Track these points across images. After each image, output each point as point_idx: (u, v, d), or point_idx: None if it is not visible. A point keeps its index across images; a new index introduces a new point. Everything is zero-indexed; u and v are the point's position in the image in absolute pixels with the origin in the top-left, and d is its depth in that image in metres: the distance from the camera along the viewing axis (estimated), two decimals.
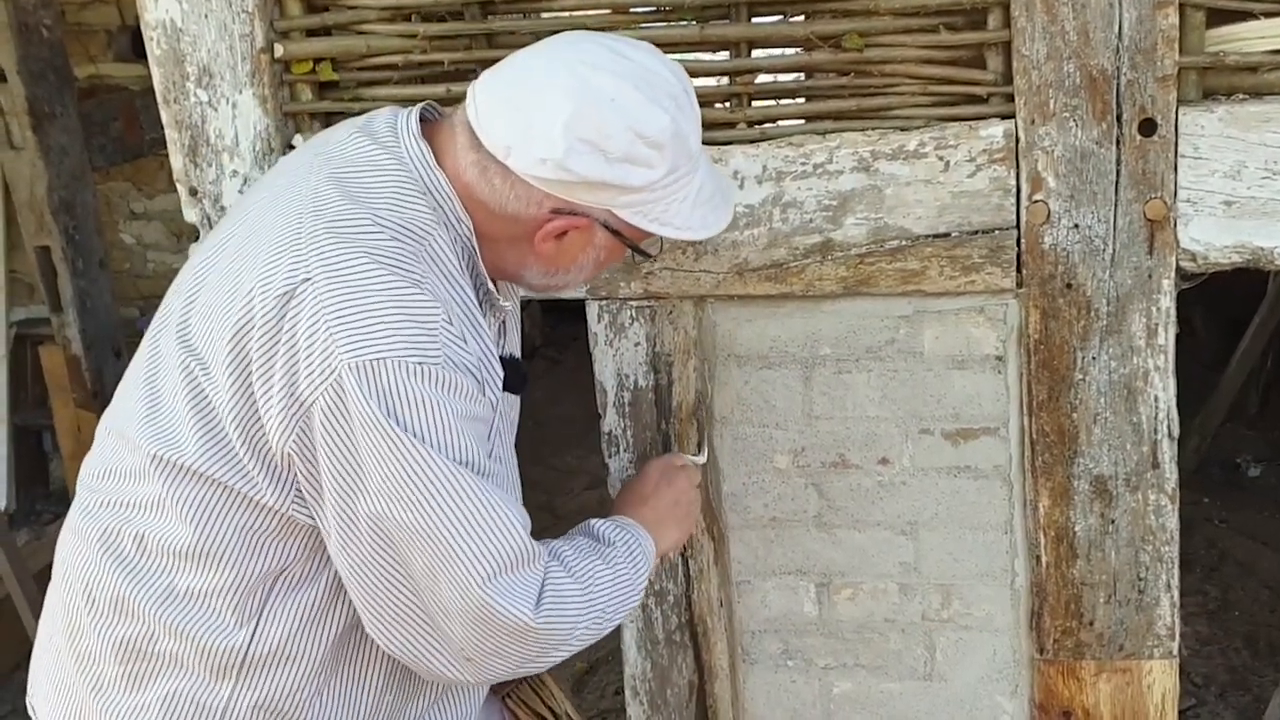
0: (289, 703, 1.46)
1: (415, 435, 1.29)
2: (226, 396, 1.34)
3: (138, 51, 4.46)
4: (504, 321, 1.57)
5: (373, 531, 1.33)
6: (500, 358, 1.46)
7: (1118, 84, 1.76)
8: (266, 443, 1.34)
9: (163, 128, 2.08)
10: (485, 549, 1.33)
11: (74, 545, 1.52)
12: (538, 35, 1.96)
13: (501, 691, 1.77)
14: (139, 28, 2.08)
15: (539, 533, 1.43)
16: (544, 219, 1.40)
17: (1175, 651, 1.98)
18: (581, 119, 1.35)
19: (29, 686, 1.62)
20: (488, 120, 1.40)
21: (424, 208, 1.39)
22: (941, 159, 1.85)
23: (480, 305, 1.45)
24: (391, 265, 1.32)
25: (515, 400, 1.57)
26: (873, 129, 1.88)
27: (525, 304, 6.22)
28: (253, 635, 1.43)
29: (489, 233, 1.44)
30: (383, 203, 1.38)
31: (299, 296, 1.30)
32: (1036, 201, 1.83)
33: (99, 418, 4.07)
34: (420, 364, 1.29)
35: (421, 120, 1.48)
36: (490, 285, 1.47)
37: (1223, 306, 4.43)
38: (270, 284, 1.33)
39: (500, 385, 1.44)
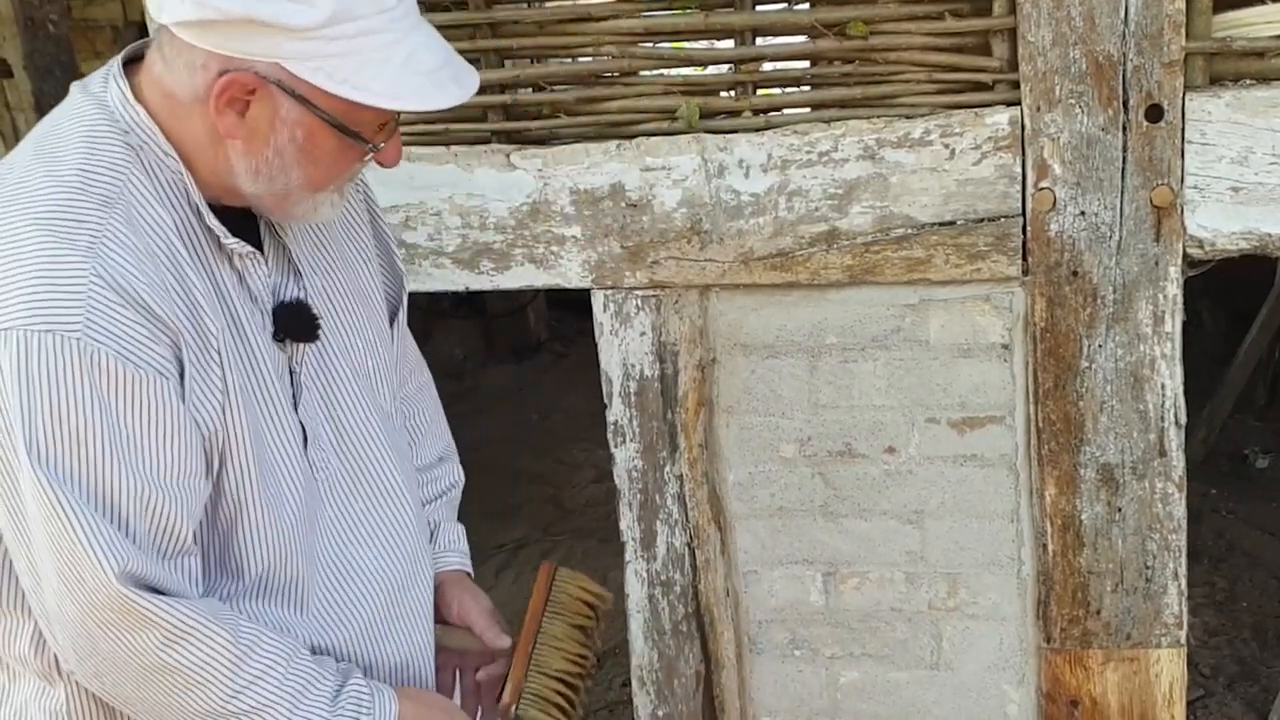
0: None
1: (14, 426, 1.18)
2: None
3: None
4: (294, 264, 1.41)
5: None
6: (282, 303, 1.37)
7: (1124, 70, 1.76)
8: None
9: None
10: (68, 578, 1.22)
11: None
12: (541, 25, 1.97)
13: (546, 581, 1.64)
14: (144, 24, 2.08)
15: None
16: (214, 87, 1.23)
17: (1183, 640, 1.97)
18: None
19: None
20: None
21: (118, 149, 1.27)
22: (947, 147, 1.85)
23: (206, 249, 1.31)
24: (49, 223, 1.21)
25: (341, 351, 1.44)
26: (878, 117, 1.87)
27: (531, 298, 6.12)
28: (36, 632, 1.33)
29: (195, 145, 1.29)
30: (71, 152, 1.27)
31: None
32: (1042, 189, 1.83)
33: None
34: (48, 331, 1.17)
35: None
36: (212, 220, 1.30)
37: (1230, 298, 4.42)
38: None
39: (247, 337, 1.32)
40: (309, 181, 1.32)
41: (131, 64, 1.33)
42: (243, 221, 1.35)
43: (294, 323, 1.38)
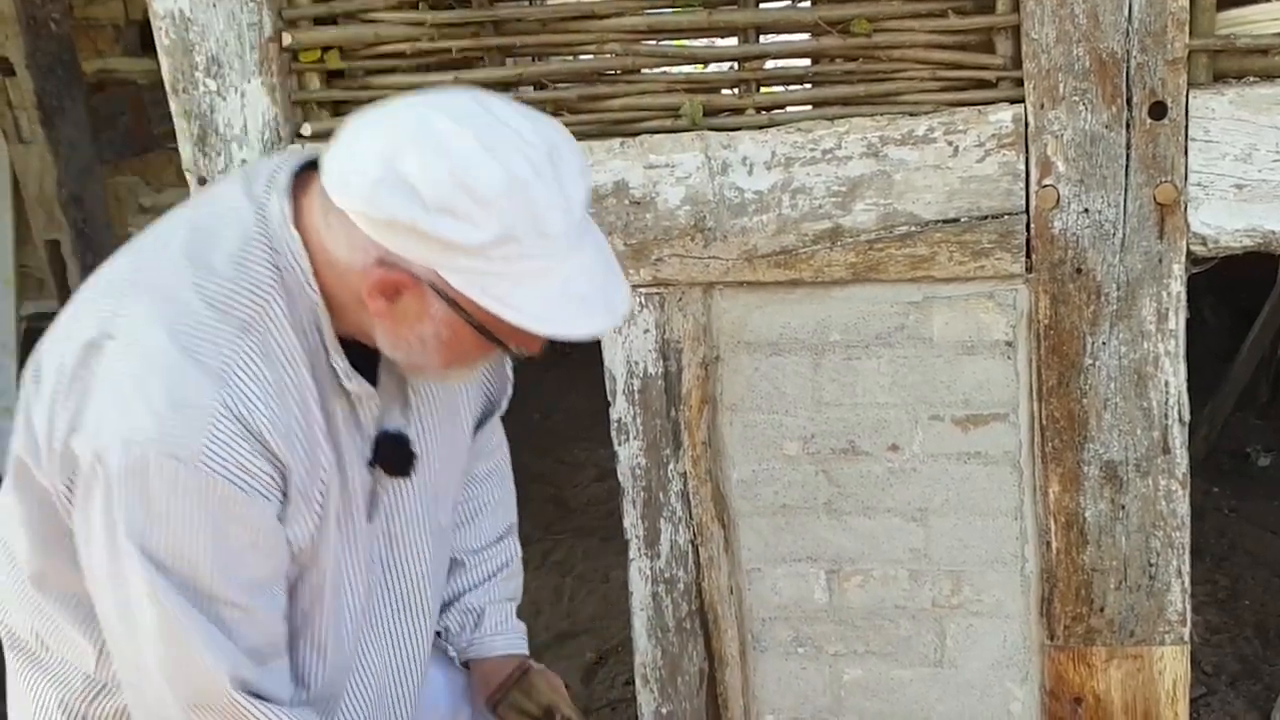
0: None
1: (133, 533, 1.23)
2: (43, 412, 1.30)
3: (145, 46, 4.47)
4: (409, 398, 1.45)
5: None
6: (385, 433, 1.40)
7: (1127, 67, 1.76)
8: (45, 468, 1.32)
9: (170, 122, 2.09)
10: (176, 679, 1.29)
11: None
12: (543, 22, 1.97)
13: (492, 700, 1.75)
14: (146, 22, 2.09)
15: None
16: (367, 270, 1.25)
17: (1186, 638, 1.98)
18: (403, 153, 1.20)
19: None
20: (329, 150, 1.27)
21: (265, 270, 1.28)
22: (950, 144, 1.85)
23: (328, 380, 1.34)
24: (185, 340, 1.24)
25: (416, 468, 1.47)
26: (881, 114, 1.88)
27: None
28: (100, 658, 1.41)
29: (340, 292, 1.30)
30: (221, 262, 1.28)
31: (101, 351, 1.27)
32: (1046, 186, 1.83)
33: None
34: (171, 456, 1.22)
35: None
36: (340, 362, 1.33)
37: (1233, 296, 4.41)
38: (88, 326, 1.29)
39: (347, 464, 1.37)
40: (444, 364, 1.34)
41: (302, 171, 1.33)
42: (363, 348, 1.36)
43: (393, 456, 1.41)
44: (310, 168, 1.31)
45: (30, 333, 4.50)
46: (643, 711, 2.20)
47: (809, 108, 1.95)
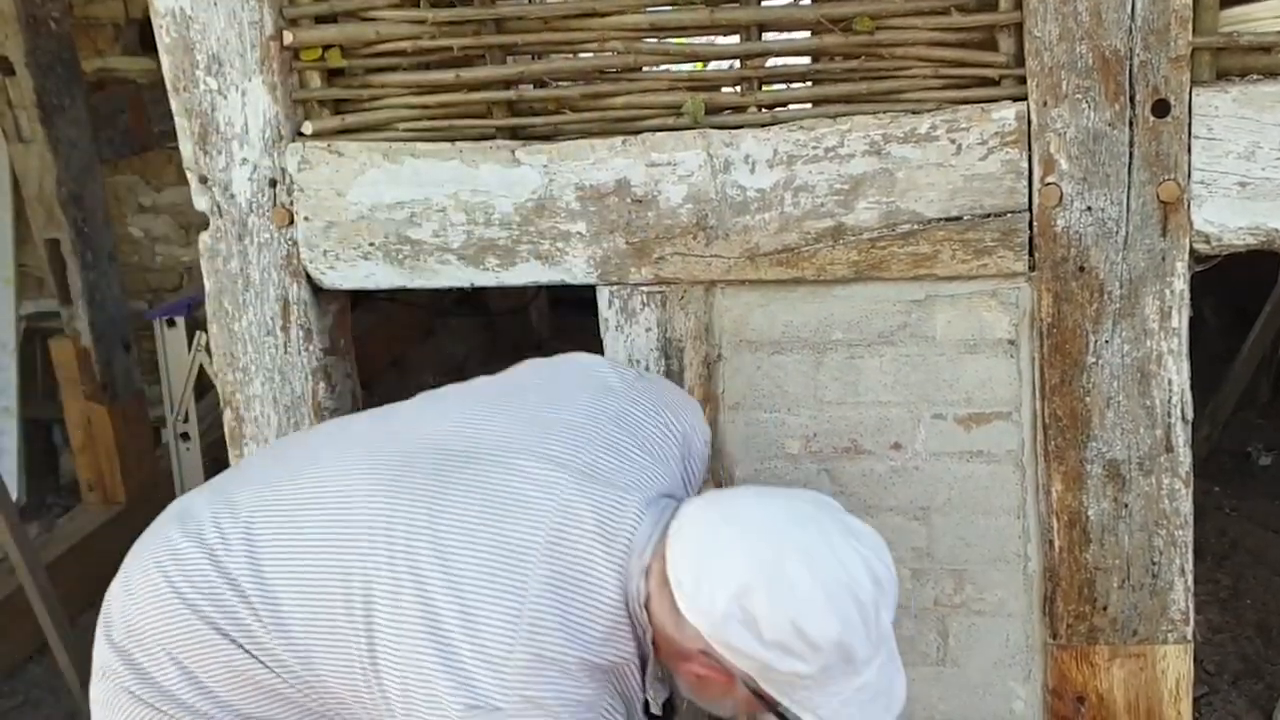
0: None
1: None
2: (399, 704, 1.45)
3: (145, 45, 4.47)
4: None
5: None
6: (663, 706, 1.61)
7: (1130, 65, 1.76)
8: None
9: (170, 121, 2.09)
10: None
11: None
12: (545, 20, 1.96)
13: None
14: (146, 20, 2.09)
15: None
16: (692, 654, 1.44)
17: (1189, 636, 1.97)
18: (752, 594, 1.36)
19: None
20: (678, 542, 1.44)
21: (630, 645, 1.48)
22: (953, 142, 1.84)
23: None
24: (572, 706, 1.42)
25: None
26: (884, 112, 1.87)
27: (534, 294, 6.10)
28: None
29: (658, 639, 1.49)
30: (596, 638, 1.45)
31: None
32: (1049, 184, 1.82)
33: (108, 410, 4.00)
34: None
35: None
36: (654, 700, 1.55)
37: (1233, 296, 4.41)
38: (463, 685, 1.40)
39: None
40: (728, 714, 1.56)
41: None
42: None
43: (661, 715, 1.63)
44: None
45: (30, 332, 4.50)
46: None
47: (811, 106, 1.94)
